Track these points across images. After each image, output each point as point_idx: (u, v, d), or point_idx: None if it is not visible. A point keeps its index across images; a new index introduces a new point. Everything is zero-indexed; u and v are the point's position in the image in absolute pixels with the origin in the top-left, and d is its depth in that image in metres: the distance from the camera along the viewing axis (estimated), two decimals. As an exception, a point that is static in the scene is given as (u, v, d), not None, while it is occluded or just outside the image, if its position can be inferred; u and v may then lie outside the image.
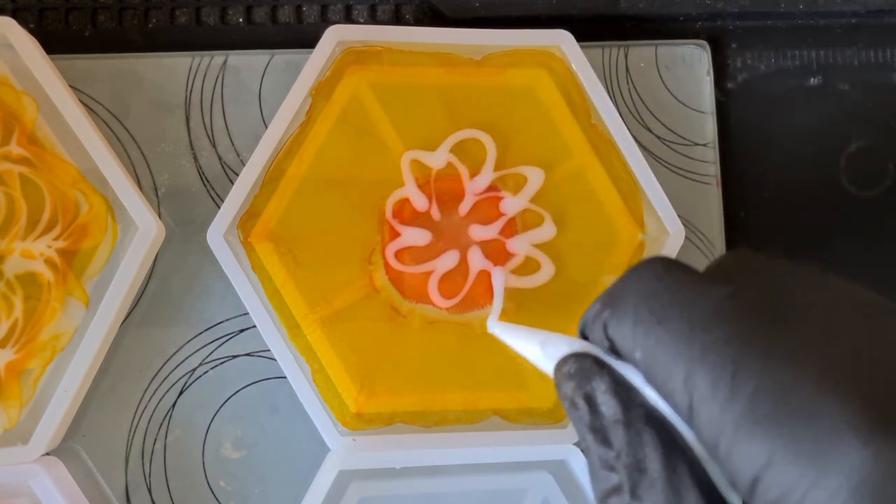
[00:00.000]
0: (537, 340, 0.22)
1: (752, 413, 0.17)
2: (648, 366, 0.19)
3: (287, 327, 0.33)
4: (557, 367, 0.21)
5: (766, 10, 0.39)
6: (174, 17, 0.37)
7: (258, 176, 0.33)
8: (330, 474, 0.33)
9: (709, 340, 0.18)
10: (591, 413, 0.19)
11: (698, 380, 0.17)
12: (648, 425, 0.19)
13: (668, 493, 0.18)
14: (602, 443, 0.19)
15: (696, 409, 0.18)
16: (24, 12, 0.36)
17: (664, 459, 0.18)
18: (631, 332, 0.19)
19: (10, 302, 0.32)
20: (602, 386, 0.19)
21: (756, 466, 0.17)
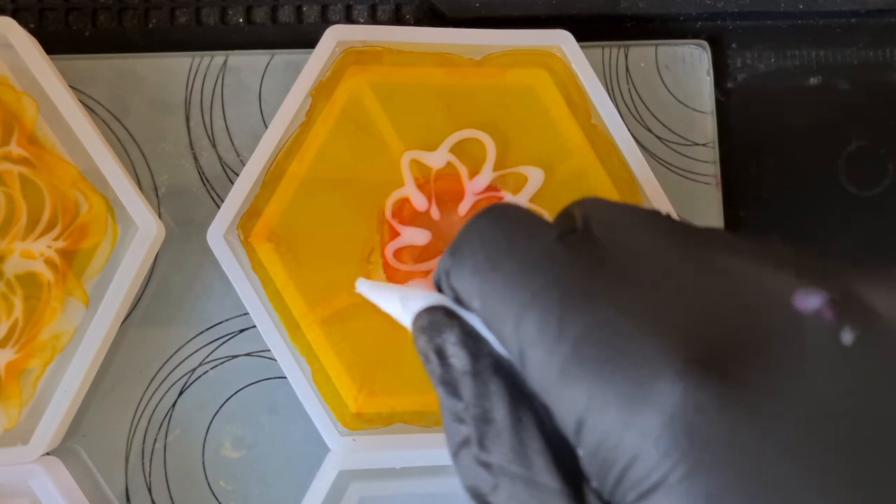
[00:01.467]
0: (398, 297, 0.22)
1: (575, 356, 0.17)
2: (486, 314, 0.19)
3: (287, 327, 0.33)
4: (413, 321, 0.20)
5: (766, 10, 0.39)
6: (174, 17, 0.37)
7: (258, 176, 0.33)
8: (330, 474, 0.33)
9: (538, 284, 0.18)
10: (442, 365, 0.19)
11: (528, 324, 0.17)
12: (496, 375, 0.19)
13: (514, 443, 0.18)
14: (452, 395, 0.19)
15: (525, 354, 0.18)
16: (24, 12, 0.36)
17: (510, 409, 0.18)
18: (469, 280, 0.19)
19: (10, 302, 0.32)
20: (452, 338, 0.19)
21: (579, 410, 0.17)
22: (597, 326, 0.17)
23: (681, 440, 0.15)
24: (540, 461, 0.18)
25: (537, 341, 0.17)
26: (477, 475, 0.18)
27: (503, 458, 0.18)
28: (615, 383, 0.16)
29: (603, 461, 0.16)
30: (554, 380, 0.17)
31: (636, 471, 0.16)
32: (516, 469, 0.18)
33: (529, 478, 0.18)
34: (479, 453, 0.18)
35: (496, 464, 0.18)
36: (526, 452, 0.18)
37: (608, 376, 0.16)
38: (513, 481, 0.18)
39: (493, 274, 0.18)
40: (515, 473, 0.18)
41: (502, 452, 0.18)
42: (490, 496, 0.18)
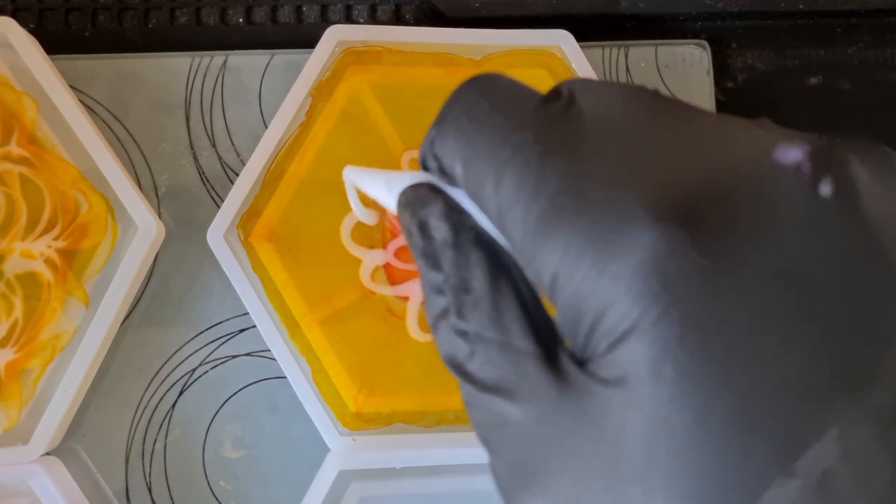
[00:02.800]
0: (383, 180, 0.22)
1: (552, 209, 0.17)
2: (467, 178, 0.19)
3: (287, 327, 0.33)
4: (398, 200, 0.21)
5: (766, 9, 0.39)
6: (174, 17, 0.37)
7: (258, 176, 0.33)
8: (330, 474, 0.33)
9: (518, 142, 0.18)
10: (424, 238, 0.19)
11: (507, 182, 0.18)
12: (477, 246, 0.19)
13: (491, 310, 0.18)
14: (433, 267, 0.19)
15: (503, 212, 0.18)
16: (24, 12, 0.36)
17: (489, 278, 0.18)
18: (452, 144, 0.19)
19: (10, 302, 0.32)
20: (435, 211, 0.20)
21: (554, 264, 0.17)
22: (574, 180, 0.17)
23: (653, 284, 0.15)
24: (515, 327, 0.18)
25: (516, 198, 0.17)
26: (454, 344, 0.18)
27: (480, 326, 0.18)
28: (589, 233, 0.16)
29: (576, 314, 0.17)
30: (531, 236, 0.17)
31: (608, 319, 0.16)
32: (492, 335, 0.18)
33: (505, 342, 0.18)
34: (456, 322, 0.18)
35: (473, 331, 0.18)
36: (502, 319, 0.18)
37: (583, 226, 0.16)
38: (487, 346, 0.18)
39: (475, 135, 0.18)
40: (491, 339, 0.18)
41: (479, 320, 0.18)
42: (466, 364, 0.18)
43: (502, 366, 0.18)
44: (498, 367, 0.18)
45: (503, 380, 0.18)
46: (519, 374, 0.18)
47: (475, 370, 0.18)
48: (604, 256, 0.16)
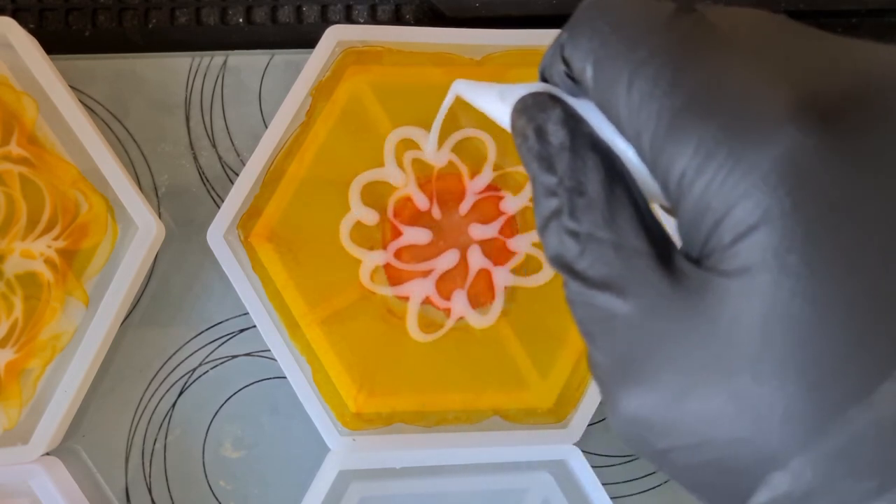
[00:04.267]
0: (496, 92, 0.23)
1: (689, 104, 0.17)
2: (598, 78, 0.19)
3: (287, 327, 0.33)
4: (515, 106, 0.21)
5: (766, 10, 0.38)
6: (174, 17, 0.37)
7: (258, 176, 0.33)
8: (330, 474, 0.33)
9: (656, 45, 0.18)
10: (540, 142, 0.20)
11: (642, 80, 0.18)
12: (593, 151, 0.19)
13: (605, 212, 0.19)
14: (547, 170, 0.20)
15: (634, 111, 0.18)
16: (24, 12, 0.36)
17: (604, 182, 0.19)
18: (586, 45, 0.19)
19: (10, 302, 0.32)
20: (553, 116, 0.20)
21: (684, 159, 0.17)
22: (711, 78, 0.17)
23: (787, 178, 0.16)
24: (629, 227, 0.19)
25: (650, 95, 0.18)
26: (564, 243, 0.19)
27: (593, 226, 0.19)
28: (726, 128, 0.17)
29: (702, 209, 0.17)
30: (663, 132, 0.18)
31: (737, 211, 0.16)
32: (605, 234, 0.19)
33: (617, 242, 0.18)
34: (568, 222, 0.19)
35: (585, 231, 0.19)
36: (616, 220, 0.19)
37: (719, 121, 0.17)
38: (600, 245, 0.19)
39: (611, 36, 0.19)
40: (604, 238, 0.19)
41: (592, 220, 0.19)
42: (575, 262, 0.19)
43: (614, 263, 0.18)
44: (609, 264, 0.18)
45: (614, 276, 0.18)
46: (631, 270, 0.18)
47: (584, 268, 0.19)
48: (739, 150, 0.16)
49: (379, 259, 0.33)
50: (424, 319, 0.34)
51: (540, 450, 0.34)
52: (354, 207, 0.33)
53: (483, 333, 0.34)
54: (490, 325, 0.34)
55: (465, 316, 0.34)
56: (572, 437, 0.34)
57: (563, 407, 0.34)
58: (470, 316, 0.34)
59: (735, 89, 0.17)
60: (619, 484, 0.36)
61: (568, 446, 0.34)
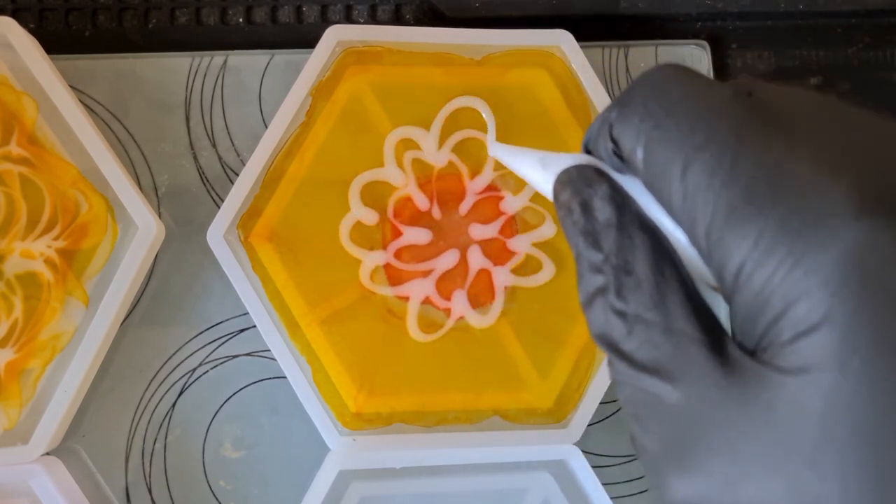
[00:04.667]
0: (537, 158, 0.22)
1: (747, 195, 0.17)
2: (649, 161, 0.19)
3: (287, 327, 0.33)
4: (558, 177, 0.21)
5: (766, 10, 0.39)
6: (174, 17, 0.37)
7: (258, 176, 0.33)
8: (330, 474, 0.33)
9: (712, 131, 0.18)
10: (586, 217, 0.20)
11: (696, 168, 0.18)
12: (641, 230, 0.19)
13: (654, 294, 0.18)
14: (592, 246, 0.19)
15: (690, 198, 0.18)
16: (24, 12, 0.36)
17: (652, 262, 0.19)
18: (637, 126, 0.19)
19: (10, 302, 0.32)
20: (600, 192, 0.20)
21: (743, 252, 0.17)
22: (771, 169, 0.17)
23: (852, 278, 0.15)
24: (679, 311, 0.18)
25: (706, 184, 0.17)
26: (609, 323, 0.19)
27: (640, 307, 0.18)
28: (786, 223, 0.16)
29: (760, 303, 0.17)
30: (720, 223, 0.17)
31: (798, 310, 0.16)
32: (653, 317, 0.18)
33: (667, 325, 0.18)
34: (615, 301, 0.19)
35: (632, 312, 0.18)
36: (665, 302, 0.18)
37: (779, 216, 0.16)
38: (648, 328, 0.18)
39: (665, 120, 0.19)
40: (652, 321, 0.18)
41: (640, 301, 0.18)
42: (622, 343, 0.18)
43: (663, 347, 0.18)
44: (658, 348, 0.18)
45: (663, 361, 0.18)
46: (681, 356, 0.18)
47: (632, 350, 0.18)
48: (801, 247, 0.16)
49: (379, 259, 0.33)
50: (424, 319, 0.34)
51: (540, 450, 0.34)
52: (354, 207, 0.33)
53: (483, 333, 0.34)
54: (490, 325, 0.34)
55: (465, 316, 0.34)
56: (572, 437, 0.34)
57: (563, 407, 0.34)
58: (470, 316, 0.34)
59: (795, 181, 0.17)
60: (619, 484, 0.36)
61: (568, 446, 0.34)
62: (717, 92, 0.19)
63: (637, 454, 0.19)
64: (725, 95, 0.18)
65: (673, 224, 0.19)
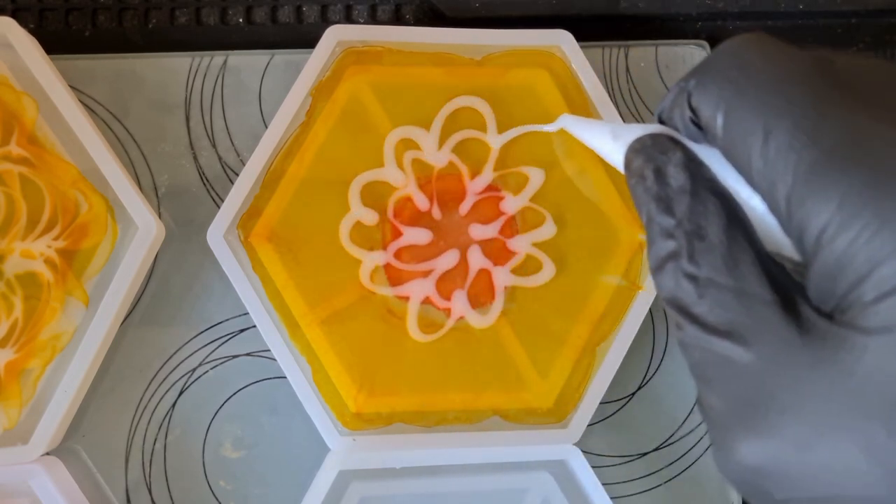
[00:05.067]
0: (608, 130, 0.23)
1: (830, 159, 0.17)
2: (728, 127, 0.19)
3: (287, 327, 0.33)
4: (631, 145, 0.21)
5: (766, 10, 0.39)
6: (174, 17, 0.37)
7: (258, 176, 0.33)
8: (330, 474, 0.33)
9: (794, 95, 0.18)
10: (659, 183, 0.20)
11: (779, 132, 0.18)
12: (714, 196, 0.19)
13: (727, 258, 0.19)
14: (665, 211, 0.20)
15: (772, 162, 0.18)
16: (24, 12, 0.36)
17: (725, 227, 0.19)
18: (717, 93, 0.19)
19: (10, 302, 0.32)
20: (674, 159, 0.20)
21: (826, 214, 0.17)
22: (855, 132, 0.17)
23: None
24: (751, 274, 0.18)
25: (788, 146, 0.18)
26: (680, 287, 0.19)
27: (713, 271, 0.19)
28: (872, 186, 0.16)
29: (841, 265, 0.17)
30: (803, 184, 0.17)
31: (884, 270, 0.16)
32: (725, 280, 0.18)
33: (739, 288, 0.18)
34: (686, 266, 0.19)
35: (704, 276, 0.19)
36: (737, 266, 0.18)
37: (864, 179, 0.17)
38: (720, 291, 0.18)
39: (746, 86, 0.19)
40: (724, 284, 0.18)
41: (712, 265, 0.19)
42: (693, 306, 0.19)
43: (735, 310, 0.18)
44: (730, 310, 0.18)
45: (735, 323, 0.18)
46: (754, 318, 0.18)
47: (703, 312, 0.18)
48: (886, 211, 0.16)
49: (379, 259, 0.34)
50: (424, 319, 0.34)
51: (540, 450, 0.34)
52: (354, 208, 0.33)
53: (483, 333, 0.34)
54: (490, 325, 0.34)
55: (466, 316, 0.34)
56: (572, 437, 0.34)
57: (563, 407, 0.34)
58: (470, 316, 0.34)
59: (880, 143, 0.17)
60: (619, 484, 0.36)
61: (568, 446, 0.34)
62: (798, 59, 0.19)
63: (704, 418, 0.19)
64: (806, 62, 0.19)
65: (748, 192, 0.20)
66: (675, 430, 0.36)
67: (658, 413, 0.36)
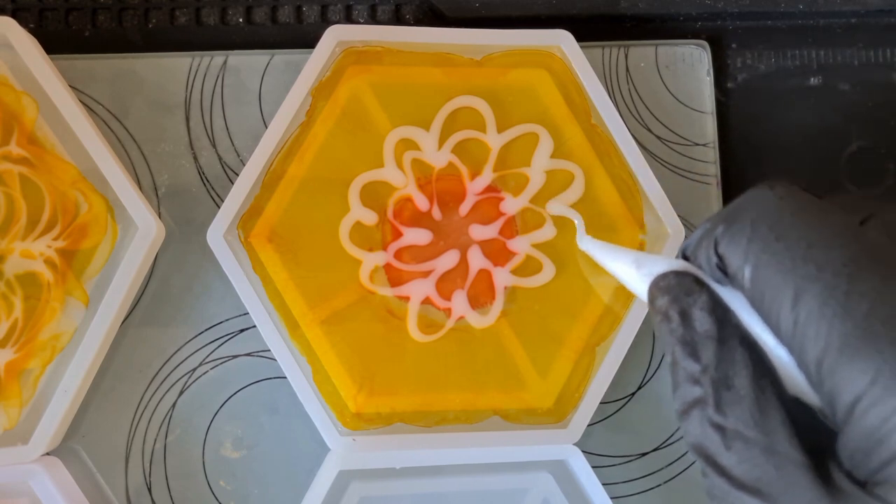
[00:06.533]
0: (631, 259, 0.22)
1: (862, 331, 0.17)
2: (756, 282, 0.19)
3: (287, 327, 0.33)
4: (655, 281, 0.21)
5: (766, 10, 0.39)
6: (174, 17, 0.37)
7: (258, 176, 0.33)
8: (330, 474, 0.33)
9: (825, 259, 0.18)
10: (685, 326, 0.20)
11: (809, 297, 0.17)
12: (741, 345, 0.19)
13: (754, 410, 0.18)
14: (690, 356, 0.19)
15: (801, 326, 0.18)
16: (24, 12, 0.36)
17: (753, 378, 0.18)
18: (745, 247, 0.19)
19: (10, 302, 0.32)
20: (700, 302, 0.20)
21: (859, 387, 0.17)
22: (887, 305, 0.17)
23: None
24: (782, 431, 0.18)
25: (819, 314, 0.17)
26: (706, 435, 0.19)
27: (740, 423, 0.18)
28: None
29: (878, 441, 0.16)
30: (835, 353, 0.17)
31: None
32: (754, 435, 0.18)
33: (768, 445, 0.18)
34: (713, 415, 0.19)
35: (731, 427, 0.18)
36: (767, 421, 0.18)
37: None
38: (748, 446, 0.18)
39: (776, 243, 0.18)
40: (752, 439, 0.18)
41: (740, 417, 0.18)
42: (719, 457, 0.18)
43: (764, 468, 0.18)
44: (759, 467, 0.18)
45: (764, 482, 0.18)
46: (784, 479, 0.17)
47: (730, 465, 0.18)
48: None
49: (379, 259, 0.34)
50: (425, 319, 0.34)
51: (540, 450, 0.34)
52: (354, 208, 0.33)
53: (483, 333, 0.34)
54: (490, 325, 0.34)
55: (466, 316, 0.34)
56: (572, 437, 0.34)
57: (563, 407, 0.34)
58: (470, 316, 0.34)
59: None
60: (619, 484, 0.36)
61: (568, 446, 0.34)
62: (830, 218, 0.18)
63: None
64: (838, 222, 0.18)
65: (774, 340, 0.19)
66: (675, 431, 0.36)
67: (658, 413, 0.36)
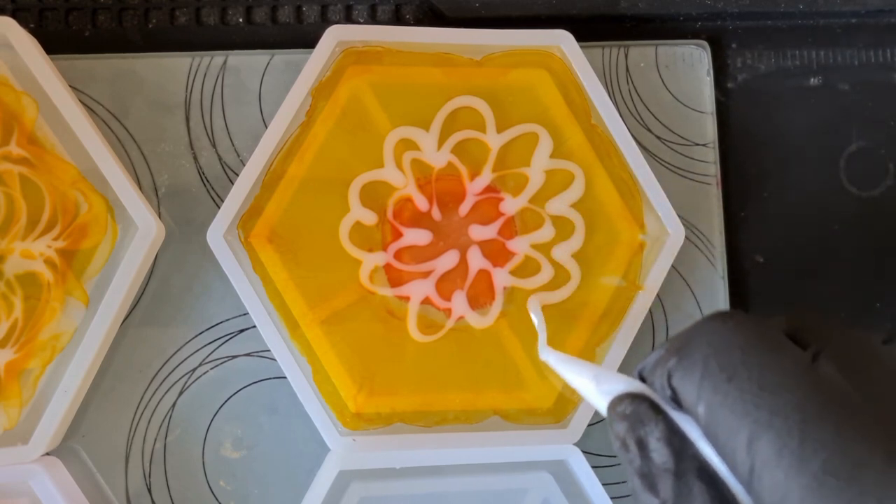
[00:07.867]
0: (591, 374, 0.22)
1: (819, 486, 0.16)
2: (711, 422, 0.18)
3: (287, 327, 0.33)
4: (612, 405, 0.20)
5: (766, 10, 0.39)
6: (174, 17, 0.37)
7: (258, 176, 0.33)
8: (330, 474, 0.33)
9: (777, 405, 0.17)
10: (642, 458, 0.19)
11: (763, 444, 0.17)
12: (699, 479, 0.19)
13: None
14: (649, 489, 0.19)
15: (757, 473, 0.17)
16: (24, 12, 0.36)
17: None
18: (697, 385, 0.19)
19: (10, 302, 0.32)
20: (656, 432, 0.19)
21: None
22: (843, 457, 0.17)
23: None
24: None
25: (774, 463, 0.17)
26: None
27: None
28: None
29: None
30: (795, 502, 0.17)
31: None
32: None
33: None
34: None
35: None
36: None
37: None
38: None
39: (727, 385, 0.18)
40: None
41: None
42: None
43: None
44: None
45: None
46: None
47: None
48: None
49: (379, 260, 0.34)
50: (424, 320, 0.34)
51: (540, 450, 0.34)
52: (354, 208, 0.33)
53: (483, 334, 0.34)
54: (490, 325, 0.34)
55: (465, 316, 0.34)
56: (572, 437, 0.34)
57: (563, 407, 0.34)
58: (470, 316, 0.34)
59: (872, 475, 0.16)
60: (620, 484, 0.36)
61: (568, 446, 0.34)
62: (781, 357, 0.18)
63: None
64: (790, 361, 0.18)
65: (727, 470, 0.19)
66: (675, 430, 0.36)
67: (658, 413, 0.36)
